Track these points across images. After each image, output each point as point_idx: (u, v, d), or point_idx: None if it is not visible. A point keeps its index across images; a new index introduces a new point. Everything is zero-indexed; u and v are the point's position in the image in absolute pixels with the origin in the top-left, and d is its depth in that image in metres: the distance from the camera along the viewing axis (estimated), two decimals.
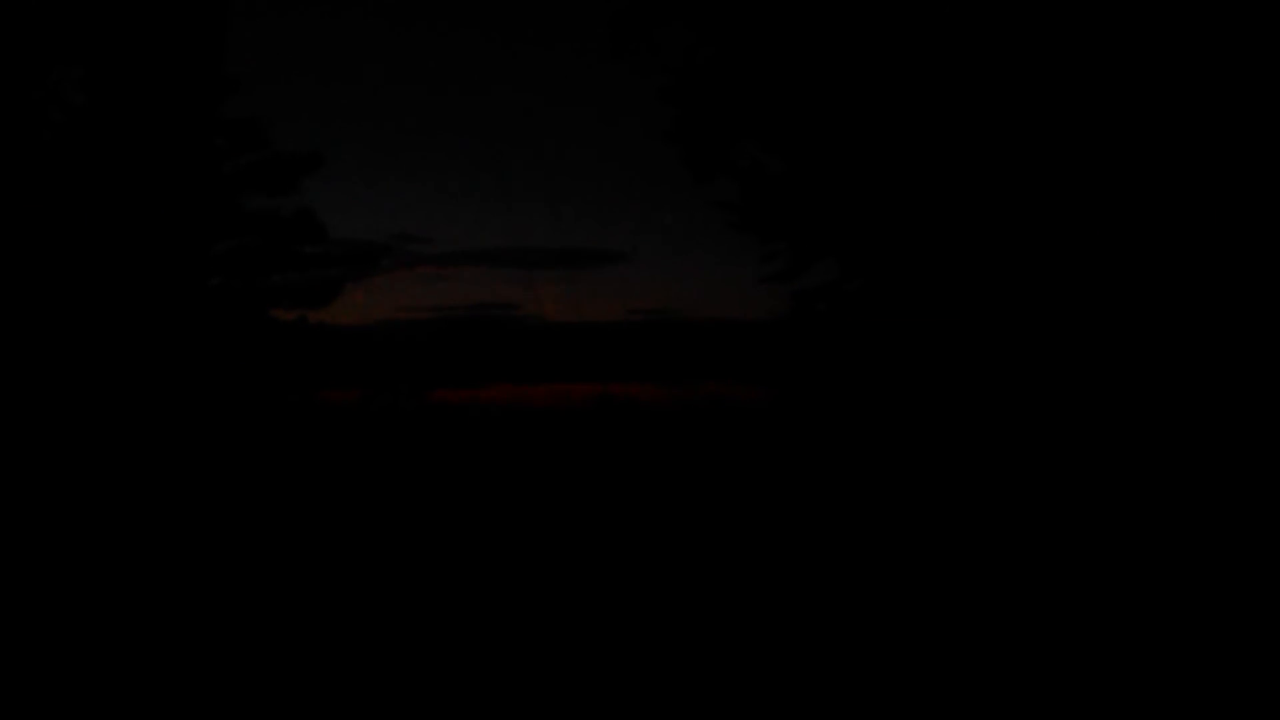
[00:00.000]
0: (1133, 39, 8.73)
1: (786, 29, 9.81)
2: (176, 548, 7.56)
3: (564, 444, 14.07)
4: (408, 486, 10.54)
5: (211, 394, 12.59)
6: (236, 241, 13.24)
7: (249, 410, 13.01)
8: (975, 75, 9.34)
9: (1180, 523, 7.33)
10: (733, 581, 6.60)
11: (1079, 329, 9.06)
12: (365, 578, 6.76)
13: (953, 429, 9.60)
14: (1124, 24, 8.75)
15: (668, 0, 10.20)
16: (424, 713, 4.54)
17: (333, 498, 9.83)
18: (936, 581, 6.47)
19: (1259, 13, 8.22)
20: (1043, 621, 5.61)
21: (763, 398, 12.73)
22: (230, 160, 13.14)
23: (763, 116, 10.16)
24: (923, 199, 9.68)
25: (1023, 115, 9.20)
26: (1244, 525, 7.07)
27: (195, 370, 12.48)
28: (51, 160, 12.12)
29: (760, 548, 7.58)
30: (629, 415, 16.65)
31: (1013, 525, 7.83)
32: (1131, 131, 8.83)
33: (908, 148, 9.70)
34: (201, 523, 8.48)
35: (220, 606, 6.03)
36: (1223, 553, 6.63)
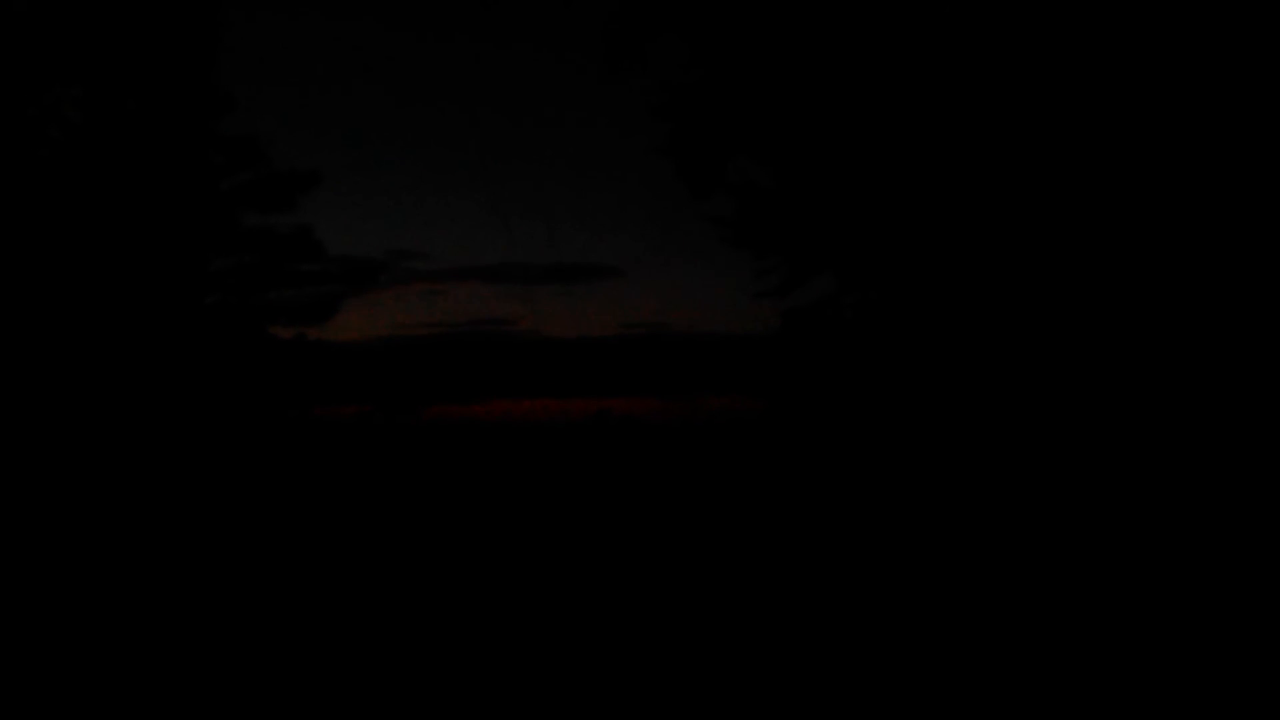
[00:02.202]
0: (1130, 46, 8.75)
1: (780, 45, 9.87)
2: (176, 560, 7.56)
3: (562, 458, 14.07)
4: (406, 501, 10.54)
5: (210, 411, 12.61)
6: (234, 259, 13.27)
7: (247, 426, 13.02)
8: (972, 92, 9.38)
9: (1180, 537, 7.33)
10: (727, 591, 6.61)
11: (1078, 347, 9.07)
12: (364, 590, 6.76)
13: (946, 444, 9.61)
14: (1121, 32, 8.77)
15: (659, 15, 10.25)
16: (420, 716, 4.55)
17: (331, 512, 9.83)
18: (927, 593, 6.48)
19: (1259, 13, 8.22)
20: (1031, 632, 5.61)
21: (758, 412, 12.75)
22: (228, 178, 13.19)
23: (757, 132, 10.20)
24: (919, 214, 9.71)
25: (1020, 132, 9.24)
26: (1244, 526, 7.05)
27: (194, 387, 12.50)
28: (49, 177, 12.16)
29: (752, 560, 7.59)
30: (626, 430, 16.67)
31: (1007, 541, 7.84)
32: (1129, 148, 8.85)
33: (903, 163, 9.73)
34: (201, 536, 8.48)
35: (218, 616, 6.03)
36: (1223, 556, 6.62)
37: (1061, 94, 9.09)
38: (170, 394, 12.24)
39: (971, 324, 9.59)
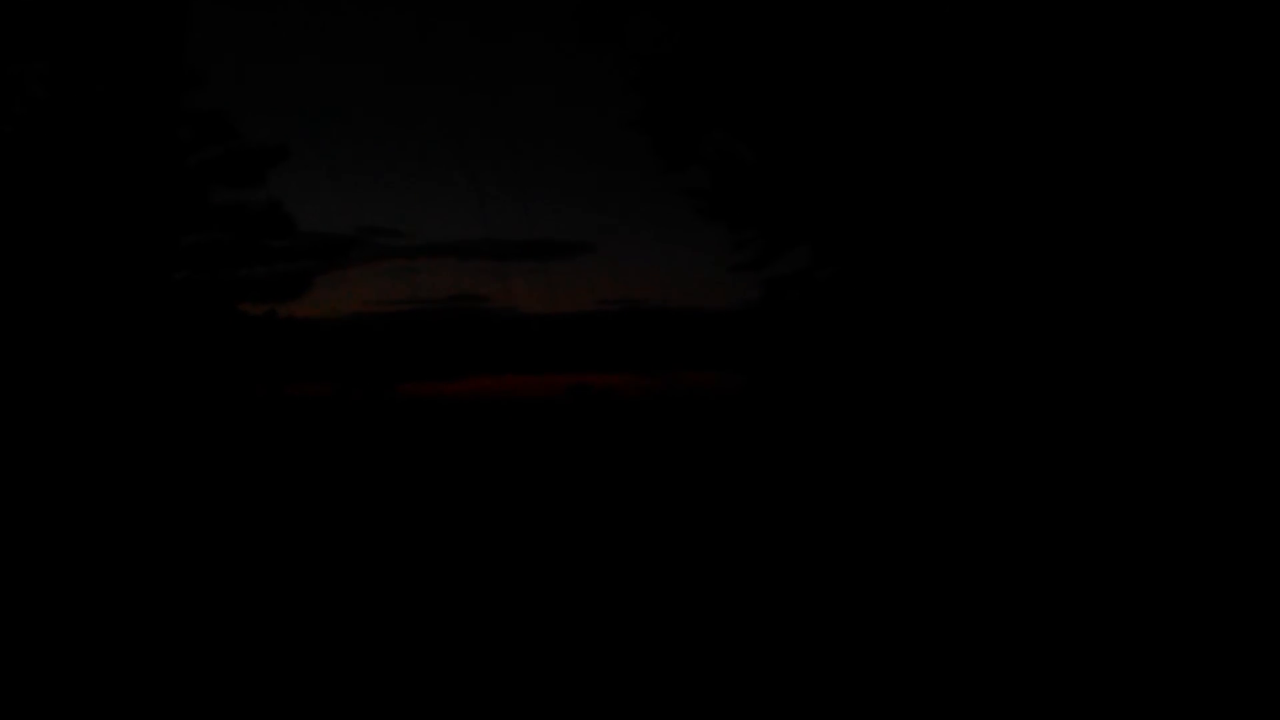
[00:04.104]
0: (1121, 22, 8.72)
1: (756, 16, 9.80)
2: (143, 542, 7.48)
3: (538, 435, 14.05)
4: (380, 479, 10.49)
5: (180, 389, 12.46)
6: (204, 235, 13.11)
7: (218, 405, 12.89)
8: (949, 67, 9.35)
9: (1168, 518, 7.35)
10: (705, 570, 6.61)
11: (1055, 315, 9.09)
12: (339, 570, 6.72)
13: (924, 416, 9.64)
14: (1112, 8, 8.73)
15: None
16: (398, 709, 4.52)
17: (305, 491, 9.76)
18: (907, 572, 6.51)
19: (1259, 13, 8.22)
20: (1013, 615, 5.64)
21: (735, 386, 12.76)
22: (195, 153, 13.00)
23: (733, 104, 10.14)
24: (895, 185, 9.70)
25: (992, 101, 9.23)
26: (1244, 525, 7.04)
27: (163, 365, 12.34)
28: (13, 154, 11.93)
29: (731, 537, 7.60)
30: (603, 405, 16.66)
31: (984, 515, 7.88)
32: (1106, 117, 8.85)
33: (880, 134, 9.71)
34: (169, 516, 8.40)
35: (189, 600, 5.97)
36: (1222, 552, 6.62)
37: (1041, 75, 9.07)
38: (140, 372, 12.09)
39: (949, 298, 9.60)
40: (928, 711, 4.35)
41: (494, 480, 10.25)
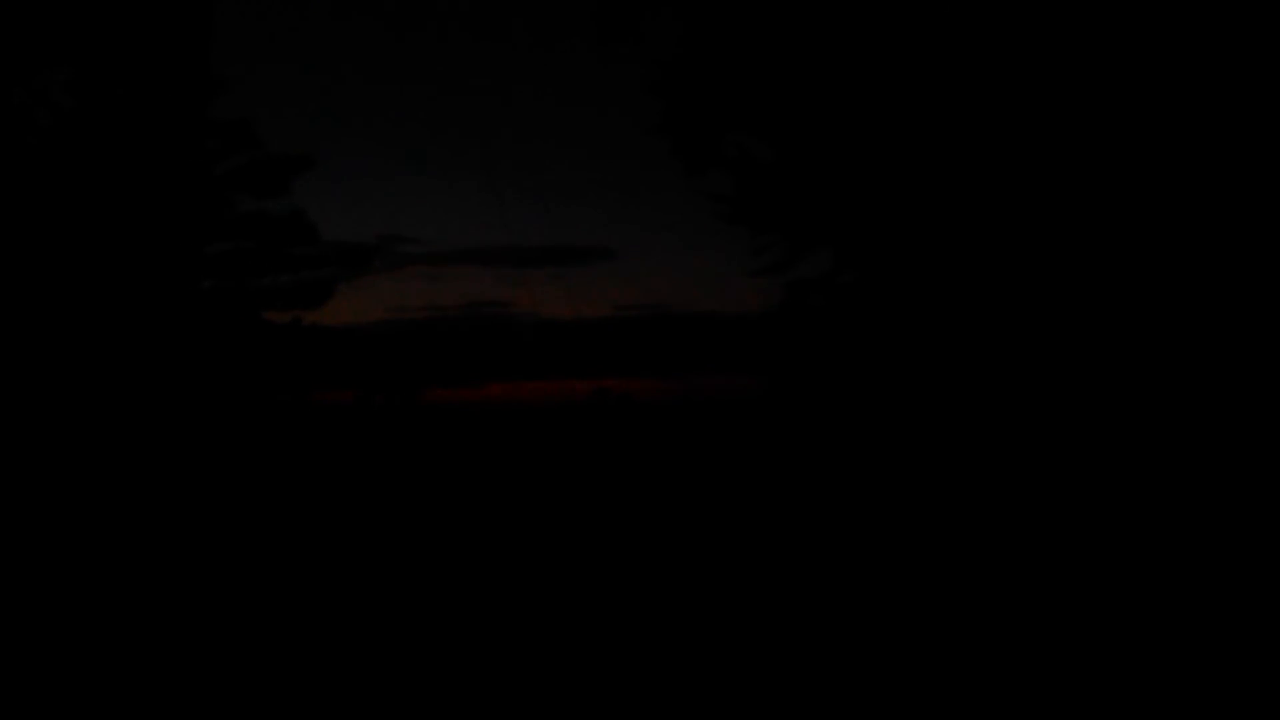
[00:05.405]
0: (1133, 28, 8.69)
1: (777, 17, 9.80)
2: (170, 548, 7.54)
3: (561, 441, 14.07)
4: (405, 486, 10.53)
5: (206, 397, 12.56)
6: (228, 244, 13.22)
7: (243, 412, 12.98)
8: (970, 65, 9.32)
9: (1177, 519, 7.31)
10: (727, 576, 6.61)
11: (1075, 322, 9.05)
12: (363, 577, 6.75)
13: (945, 422, 9.60)
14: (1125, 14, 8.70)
15: None
16: (420, 711, 4.54)
17: (330, 498, 9.82)
18: (928, 578, 6.49)
19: (1259, 13, 8.18)
20: (1034, 618, 5.62)
21: (757, 390, 12.75)
22: (221, 162, 13.11)
23: (754, 107, 10.14)
24: (917, 190, 9.67)
25: (1019, 104, 9.19)
26: (1244, 525, 7.00)
27: (189, 373, 12.44)
28: (40, 164, 12.07)
29: (754, 543, 7.59)
30: (625, 411, 16.65)
31: (1006, 520, 7.85)
32: (1127, 121, 8.80)
33: (902, 138, 9.68)
34: (196, 524, 8.47)
35: (214, 606, 6.02)
36: (1222, 552, 6.59)
37: (1065, 74, 9.04)
38: (167, 379, 12.19)
39: (971, 302, 9.56)
40: (940, 706, 4.33)
41: (518, 486, 10.28)
